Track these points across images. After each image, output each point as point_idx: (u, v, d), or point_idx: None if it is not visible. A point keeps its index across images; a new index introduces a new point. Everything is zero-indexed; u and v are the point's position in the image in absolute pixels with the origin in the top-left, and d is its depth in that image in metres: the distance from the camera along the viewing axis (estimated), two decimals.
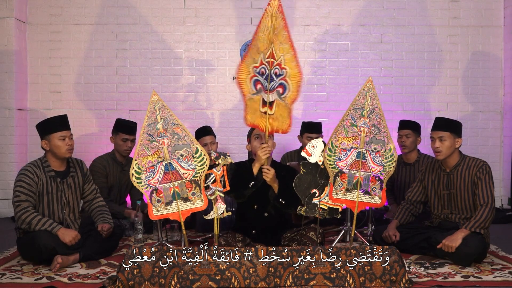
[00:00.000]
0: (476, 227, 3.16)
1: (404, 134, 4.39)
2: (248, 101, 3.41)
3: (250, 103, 3.41)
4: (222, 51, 5.54)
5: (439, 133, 3.34)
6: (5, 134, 5.24)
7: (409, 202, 3.62)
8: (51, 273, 2.99)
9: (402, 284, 2.71)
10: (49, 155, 3.35)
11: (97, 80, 5.54)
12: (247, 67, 3.38)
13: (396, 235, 3.43)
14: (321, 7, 5.62)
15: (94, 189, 3.59)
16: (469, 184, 3.33)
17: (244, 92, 3.41)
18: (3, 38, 5.22)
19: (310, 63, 5.60)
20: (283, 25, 3.33)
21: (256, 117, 3.41)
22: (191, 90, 5.59)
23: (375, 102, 3.34)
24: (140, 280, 2.68)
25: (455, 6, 5.62)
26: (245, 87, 3.40)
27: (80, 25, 5.52)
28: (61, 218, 3.36)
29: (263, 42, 3.34)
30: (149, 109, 3.28)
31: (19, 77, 5.32)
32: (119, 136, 4.31)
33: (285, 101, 3.39)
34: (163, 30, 5.56)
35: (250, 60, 3.38)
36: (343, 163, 3.35)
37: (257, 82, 3.38)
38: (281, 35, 3.33)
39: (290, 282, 2.72)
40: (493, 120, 5.64)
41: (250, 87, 3.39)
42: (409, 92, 5.64)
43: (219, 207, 3.28)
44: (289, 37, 3.35)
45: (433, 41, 5.62)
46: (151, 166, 3.26)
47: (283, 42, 3.34)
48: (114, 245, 3.52)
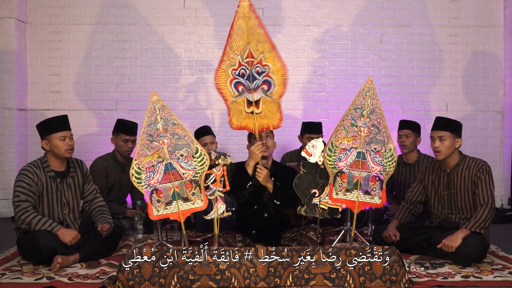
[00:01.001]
0: (476, 227, 3.15)
1: (404, 134, 4.39)
2: (231, 104, 3.43)
3: (234, 106, 3.43)
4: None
5: (439, 133, 3.34)
6: (5, 134, 5.24)
7: (409, 202, 3.62)
8: (51, 273, 2.99)
9: (402, 284, 2.71)
10: (49, 155, 3.35)
11: (97, 80, 5.54)
12: (225, 71, 3.40)
13: (396, 235, 3.43)
14: (321, 7, 5.62)
15: (94, 189, 3.59)
16: (469, 184, 3.33)
17: (225, 97, 3.44)
18: (3, 38, 5.21)
19: (310, 63, 5.60)
20: (258, 24, 3.35)
21: (242, 118, 3.44)
22: (191, 90, 5.59)
23: (375, 102, 3.34)
24: (140, 280, 2.69)
25: (455, 6, 5.62)
26: (226, 92, 3.43)
27: (80, 25, 5.52)
28: (61, 218, 3.36)
29: (238, 44, 3.35)
30: (149, 109, 3.28)
31: (19, 77, 5.32)
32: (120, 137, 4.31)
33: (272, 96, 3.40)
34: (163, 30, 5.56)
35: (227, 64, 3.39)
36: (343, 163, 3.35)
37: (239, 84, 3.40)
38: (257, 34, 3.34)
39: (290, 282, 2.72)
40: (493, 120, 5.64)
41: (231, 91, 3.41)
42: (409, 92, 5.64)
43: (219, 207, 3.28)
44: (266, 34, 3.36)
45: (433, 41, 5.62)
46: (151, 166, 3.26)
47: (260, 40, 3.35)
48: (114, 245, 3.52)
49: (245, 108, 3.42)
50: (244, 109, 3.42)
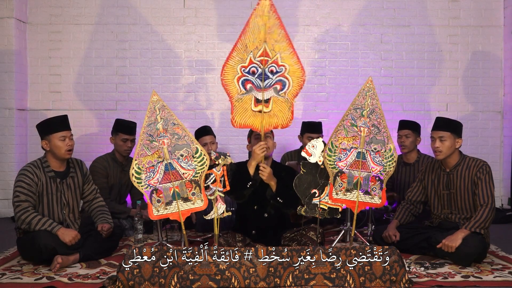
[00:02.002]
0: (476, 227, 3.15)
1: (404, 134, 4.39)
2: (236, 102, 3.39)
3: (238, 104, 3.39)
4: (222, 51, 5.53)
5: (439, 133, 3.34)
6: (5, 134, 5.24)
7: (409, 202, 3.62)
8: (51, 273, 2.99)
9: (402, 284, 2.71)
10: (49, 155, 3.35)
11: (97, 80, 5.54)
12: (233, 67, 3.36)
13: (396, 235, 3.43)
14: (321, 7, 5.62)
15: (94, 189, 3.59)
16: (469, 184, 3.33)
17: (230, 94, 3.39)
18: (3, 38, 5.21)
19: (310, 63, 5.60)
20: (278, 24, 3.33)
21: (246, 117, 3.39)
22: (191, 90, 5.59)
23: (375, 102, 3.34)
24: (140, 280, 2.69)
25: (455, 6, 5.62)
26: (232, 89, 3.38)
27: (80, 25, 5.51)
28: (61, 218, 3.36)
29: (253, 42, 3.32)
30: (149, 109, 3.28)
31: (19, 77, 5.32)
32: (118, 137, 4.31)
33: (285, 96, 3.38)
34: (163, 30, 5.56)
35: (236, 60, 3.36)
36: (343, 163, 3.35)
37: (247, 82, 3.37)
38: (276, 34, 3.33)
39: (290, 282, 2.72)
40: (493, 120, 5.64)
41: (238, 88, 3.38)
42: (409, 92, 5.63)
43: (219, 207, 3.28)
44: (286, 35, 3.34)
45: (433, 41, 5.62)
46: (151, 166, 3.26)
47: (279, 40, 3.33)
48: (114, 245, 3.52)
49: (252, 107, 3.38)
50: (251, 107, 3.38)
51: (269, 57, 3.34)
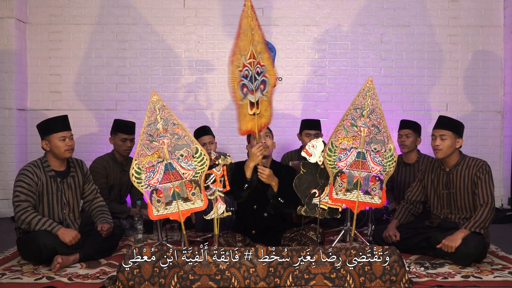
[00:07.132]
0: (476, 227, 3.15)
1: (404, 134, 4.39)
2: (239, 108, 3.39)
3: (240, 110, 3.39)
4: (222, 51, 5.53)
5: (440, 131, 3.34)
6: (5, 134, 5.24)
7: (408, 201, 3.62)
8: (51, 273, 2.99)
9: (402, 284, 2.71)
10: (49, 155, 3.35)
11: (97, 80, 5.54)
12: (234, 73, 3.36)
13: (396, 235, 3.43)
14: (321, 7, 5.62)
15: (94, 189, 3.59)
16: (468, 183, 3.33)
17: (236, 101, 3.38)
18: (3, 38, 5.21)
19: (310, 63, 5.60)
20: (257, 25, 3.34)
21: (246, 122, 3.38)
22: (191, 90, 5.59)
23: (375, 102, 3.34)
24: (140, 280, 2.69)
25: (455, 6, 5.62)
26: (237, 95, 3.38)
27: (80, 25, 5.51)
28: (61, 218, 3.36)
29: (245, 44, 3.33)
30: (149, 109, 3.28)
31: (19, 77, 5.32)
32: (118, 136, 4.31)
33: (266, 95, 3.39)
34: (163, 30, 5.56)
35: (235, 65, 3.36)
36: (343, 163, 3.35)
37: (244, 86, 3.37)
38: (257, 35, 3.34)
39: (290, 282, 2.72)
40: (493, 120, 5.64)
41: (239, 93, 3.37)
42: (409, 92, 5.64)
43: (219, 207, 3.28)
44: (263, 36, 3.36)
45: (433, 41, 5.62)
46: (151, 166, 3.26)
47: (259, 41, 3.35)
48: (114, 245, 3.52)
49: (248, 110, 3.37)
50: (248, 112, 3.37)
51: (254, 59, 3.35)
